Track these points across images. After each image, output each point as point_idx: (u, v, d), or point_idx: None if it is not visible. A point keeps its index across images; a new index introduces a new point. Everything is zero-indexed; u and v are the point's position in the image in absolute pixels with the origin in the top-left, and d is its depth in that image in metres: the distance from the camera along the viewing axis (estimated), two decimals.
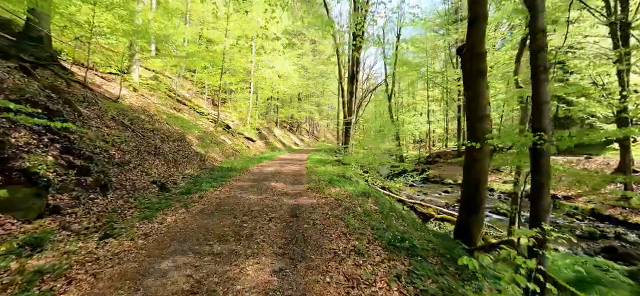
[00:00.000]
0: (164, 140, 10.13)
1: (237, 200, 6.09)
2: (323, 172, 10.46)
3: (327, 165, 12.64)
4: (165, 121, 11.85)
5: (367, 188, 7.80)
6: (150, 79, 17.73)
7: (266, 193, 6.89)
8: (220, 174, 9.12)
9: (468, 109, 5.72)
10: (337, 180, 8.69)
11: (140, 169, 7.24)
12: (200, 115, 17.97)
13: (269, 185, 7.82)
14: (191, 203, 5.79)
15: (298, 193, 6.92)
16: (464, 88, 5.73)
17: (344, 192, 7.11)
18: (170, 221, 4.70)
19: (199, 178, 8.54)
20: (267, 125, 26.23)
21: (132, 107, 11.15)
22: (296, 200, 6.25)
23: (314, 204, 5.95)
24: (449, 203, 14.60)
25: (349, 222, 4.77)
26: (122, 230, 4.18)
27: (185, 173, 8.78)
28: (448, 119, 27.30)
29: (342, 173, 10.70)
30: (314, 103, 32.54)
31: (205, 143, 12.65)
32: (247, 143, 18.78)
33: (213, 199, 6.17)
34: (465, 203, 5.60)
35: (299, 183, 8.27)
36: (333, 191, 7.18)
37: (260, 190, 7.21)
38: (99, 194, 5.06)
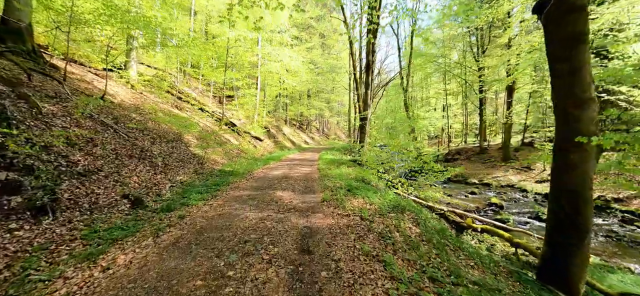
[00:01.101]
0: (155, 141, 8.57)
1: (229, 221, 4.40)
2: (338, 175, 8.70)
3: (341, 166, 10.86)
4: (161, 120, 10.31)
5: (398, 199, 5.99)
6: (152, 77, 16.34)
7: (269, 207, 5.18)
8: (218, 180, 7.48)
9: (557, 91, 3.82)
10: (357, 187, 6.91)
11: (113, 179, 5.65)
12: (204, 113, 16.47)
13: (273, 195, 6.11)
14: (166, 228, 4.12)
15: (310, 209, 5.18)
16: (549, 61, 3.79)
17: (370, 205, 5.34)
18: (121, 264, 3.04)
19: (191, 186, 6.92)
20: (276, 124, 24.62)
21: (122, 105, 9.64)
22: (308, 220, 4.51)
23: (333, 227, 4.20)
24: (480, 207, 12.58)
25: (390, 265, 3.00)
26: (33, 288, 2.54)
27: (175, 180, 7.17)
28: (467, 113, 25.05)
29: (361, 177, 8.91)
30: (323, 100, 30.65)
31: (206, 144, 11.07)
32: (254, 142, 17.19)
33: (197, 220, 4.49)
34: (556, 229, 3.72)
35: (311, 192, 6.53)
36: (355, 204, 5.41)
37: (262, 203, 5.50)
38: (29, 221, 3.46)
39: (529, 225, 10.19)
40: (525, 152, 19.68)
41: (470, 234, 8.23)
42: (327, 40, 29.90)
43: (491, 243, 7.86)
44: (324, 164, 11.37)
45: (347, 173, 9.16)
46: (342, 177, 8.41)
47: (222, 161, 10.71)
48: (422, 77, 31.17)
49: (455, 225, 8.58)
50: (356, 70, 13.77)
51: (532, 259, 6.76)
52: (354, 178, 8.41)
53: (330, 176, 8.45)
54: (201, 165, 9.12)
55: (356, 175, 9.14)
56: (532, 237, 8.06)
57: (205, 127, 13.79)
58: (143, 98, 12.52)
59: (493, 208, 12.15)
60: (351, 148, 21.99)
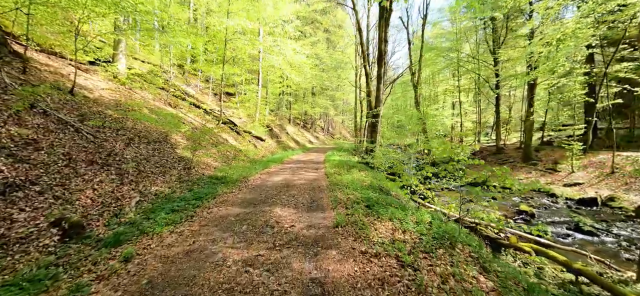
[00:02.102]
0: (133, 142, 6.98)
1: (197, 269, 2.76)
2: (350, 182, 7.03)
3: (352, 170, 9.19)
4: (145, 119, 8.74)
5: (439, 224, 4.31)
6: (145, 73, 14.83)
7: (261, 238, 3.53)
8: (203, 191, 5.85)
9: None
10: (378, 200, 5.24)
11: (53, 194, 4.06)
12: (200, 111, 14.90)
13: (270, 214, 4.47)
14: (87, 286, 2.50)
15: (319, 239, 3.52)
16: None
17: (404, 233, 3.68)
18: None
19: (167, 200, 5.30)
20: (279, 123, 23.00)
21: (98, 101, 8.08)
22: (317, 264, 2.86)
23: (358, 282, 2.54)
24: (507, 215, 10.77)
25: None
26: None
27: (149, 191, 5.56)
28: (480, 111, 23.15)
29: (377, 185, 7.23)
30: (328, 98, 28.85)
31: (198, 145, 9.48)
32: (255, 142, 15.59)
33: (149, 264, 2.86)
34: None
35: (319, 208, 4.87)
36: (383, 231, 3.75)
37: (253, 229, 3.86)
38: None
39: (571, 238, 8.44)
40: (547, 151, 17.81)
41: (511, 253, 6.53)
42: (332, 36, 28.18)
43: (538, 266, 6.15)
44: (332, 167, 9.71)
45: (360, 180, 7.48)
46: (355, 184, 6.74)
47: (216, 164, 9.10)
48: (429, 74, 29.28)
49: (488, 239, 6.90)
50: (366, 61, 12.05)
51: (597, 290, 5.05)
52: (369, 187, 6.73)
53: (341, 184, 6.78)
54: (188, 170, 7.52)
55: (371, 181, 7.46)
56: (589, 259, 6.34)
57: (200, 125, 12.21)
58: (131, 94, 10.98)
59: (523, 217, 10.39)
60: (358, 148, 20.33)
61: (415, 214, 4.58)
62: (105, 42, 12.19)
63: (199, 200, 5.16)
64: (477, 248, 3.59)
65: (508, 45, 18.42)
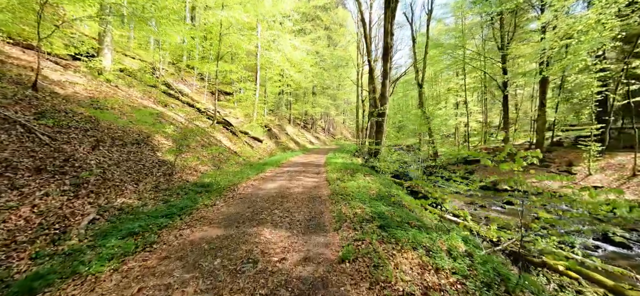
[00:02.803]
0: (102, 144, 5.89)
1: None
2: (355, 190, 5.94)
3: (356, 174, 8.09)
4: (125, 118, 7.67)
5: (487, 261, 3.19)
6: (136, 70, 13.79)
7: (235, 285, 2.43)
8: (178, 205, 4.75)
9: None
10: (392, 216, 4.14)
11: None
12: (193, 109, 13.82)
13: (255, 239, 3.38)
14: None
15: (318, 285, 2.42)
16: None
17: (437, 273, 2.59)
18: None
19: (132, 216, 4.21)
20: (278, 123, 21.90)
21: (70, 98, 7.01)
22: None
23: None
24: (526, 223, 9.61)
25: None
26: None
27: (112, 205, 4.48)
28: (486, 110, 22.01)
29: (387, 193, 6.13)
30: (329, 97, 27.70)
31: (184, 147, 8.41)
32: (252, 143, 14.50)
33: None
34: None
35: (320, 229, 3.78)
36: (407, 268, 2.66)
37: (228, 264, 2.77)
38: None
39: (601, 250, 7.33)
40: (559, 152, 16.66)
41: (544, 273, 5.40)
42: (333, 34, 27.07)
43: (576, 289, 5.03)
44: (334, 171, 8.61)
45: (366, 187, 6.38)
46: (361, 193, 5.64)
47: (204, 169, 8.01)
48: (432, 73, 28.15)
49: (512, 255, 5.79)
50: (370, 56, 10.95)
51: None
52: (378, 196, 5.63)
53: (345, 193, 5.67)
54: (169, 176, 6.43)
55: (379, 189, 6.35)
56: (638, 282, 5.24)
57: (190, 125, 11.13)
58: (115, 92, 9.92)
59: (543, 226, 9.23)
60: (361, 150, 19.24)
61: (443, 238, 3.48)
62: (87, 36, 11.14)
63: (169, 218, 4.06)
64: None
65: (517, 41, 17.30)
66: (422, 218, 4.65)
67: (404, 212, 4.57)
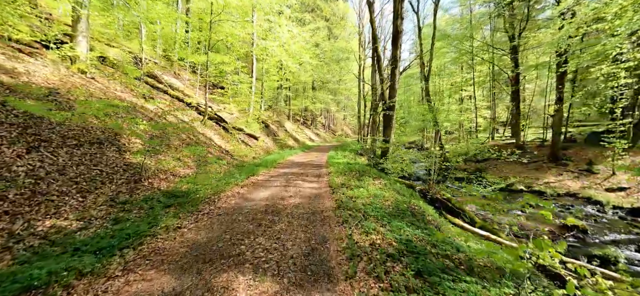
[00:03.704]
0: (46, 145, 4.53)
1: None
2: (367, 201, 4.59)
3: (363, 178, 6.74)
4: (89, 113, 6.29)
5: None
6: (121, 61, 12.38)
7: None
8: (128, 230, 3.39)
9: None
10: (426, 250, 2.79)
11: None
12: (185, 105, 12.44)
13: None
14: None
15: None
16: None
17: None
18: None
19: (63, 244, 2.87)
20: (277, 119, 20.51)
21: (17, 89, 5.63)
22: None
23: None
24: (554, 231, 8.36)
25: None
26: None
27: (39, 229, 3.14)
28: (495, 105, 20.62)
29: (405, 203, 4.78)
30: (329, 92, 26.17)
31: (164, 147, 7.04)
32: (247, 141, 13.13)
33: None
34: None
35: (324, 278, 2.43)
36: None
37: None
38: None
39: None
40: (576, 150, 15.29)
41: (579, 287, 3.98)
42: (333, 27, 25.53)
43: None
44: (337, 174, 7.26)
45: (379, 196, 5.02)
46: (376, 208, 4.29)
47: (185, 172, 6.64)
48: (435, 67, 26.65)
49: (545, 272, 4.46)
50: (377, 42, 9.53)
51: None
52: (397, 211, 4.28)
53: (355, 206, 4.32)
54: (135, 183, 5.07)
55: (395, 199, 5.00)
56: None
57: (176, 121, 9.75)
58: (89, 83, 8.52)
59: (575, 234, 7.93)
60: (363, 147, 17.91)
61: None
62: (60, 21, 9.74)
63: (104, 255, 2.71)
64: None
65: (529, 31, 15.86)
66: (463, 245, 3.30)
67: (438, 239, 3.22)
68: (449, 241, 3.23)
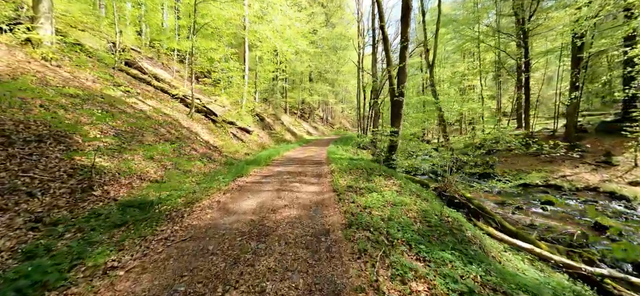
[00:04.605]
0: None
1: None
2: (384, 212, 3.39)
3: (372, 177, 5.52)
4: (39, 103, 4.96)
5: None
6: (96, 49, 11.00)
7: None
8: (34, 272, 2.15)
9: None
10: None
11: None
12: (170, 97, 11.08)
13: None
14: None
15: None
16: None
17: None
18: None
19: None
20: (273, 112, 19.15)
21: None
22: None
23: None
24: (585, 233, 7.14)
25: None
26: None
27: None
28: (500, 94, 19.41)
29: (434, 212, 3.57)
30: (327, 82, 24.66)
31: (132, 144, 5.74)
32: (240, 135, 11.82)
33: None
34: None
35: None
36: None
37: None
38: None
39: None
40: (590, 140, 14.16)
41: None
42: (331, 17, 23.99)
43: None
44: (341, 173, 6.03)
45: (398, 204, 3.81)
46: (401, 222, 3.08)
47: (159, 174, 5.36)
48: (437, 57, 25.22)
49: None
50: (384, 21, 8.20)
51: None
52: (428, 227, 3.09)
53: (373, 224, 3.09)
54: (84, 192, 3.81)
55: (420, 207, 3.79)
56: None
57: (156, 114, 8.41)
58: (53, 72, 7.16)
59: (610, 236, 6.77)
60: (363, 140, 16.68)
61: None
62: None
63: None
64: None
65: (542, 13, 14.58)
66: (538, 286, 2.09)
67: (508, 278, 2.01)
68: (517, 277, 2.02)
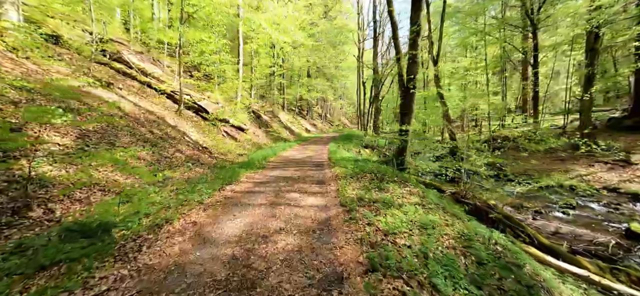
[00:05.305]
0: None
1: None
2: (415, 241, 2.45)
3: (384, 184, 4.58)
4: None
5: None
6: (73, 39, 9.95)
7: None
8: None
9: None
10: None
11: None
12: (159, 93, 10.02)
13: None
14: None
15: None
16: None
17: None
18: None
19: None
20: (270, 109, 18.10)
21: None
22: None
23: None
24: (620, 243, 6.25)
25: None
26: None
27: None
28: (506, 89, 18.50)
29: (480, 235, 2.62)
30: (326, 77, 23.48)
31: (100, 147, 4.74)
32: (234, 133, 10.81)
33: None
34: None
35: None
36: None
37: None
38: None
39: None
40: (602, 136, 13.28)
41: None
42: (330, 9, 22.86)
43: None
44: (347, 179, 5.08)
45: (426, 223, 2.87)
46: (441, 259, 2.14)
47: (128, 181, 4.37)
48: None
49: None
50: (392, 5, 7.19)
51: None
52: (478, 266, 2.16)
53: (405, 265, 2.14)
54: (15, 214, 2.82)
55: (454, 226, 2.86)
56: None
57: (137, 111, 7.37)
58: (7, 63, 6.12)
59: None
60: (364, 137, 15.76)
61: None
62: None
63: None
64: None
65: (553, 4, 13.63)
66: None
67: None
68: None
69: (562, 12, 11.96)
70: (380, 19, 15.61)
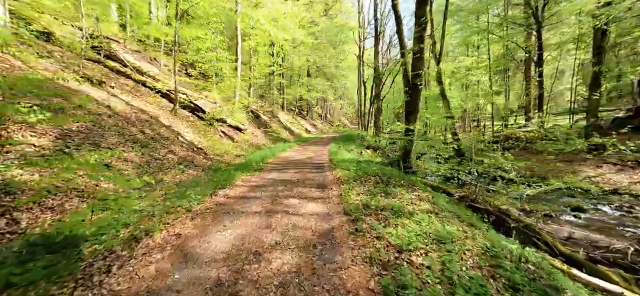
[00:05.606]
0: None
1: None
2: (434, 259, 2.06)
3: (391, 188, 4.18)
4: None
5: None
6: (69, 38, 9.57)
7: None
8: None
9: None
10: None
11: None
12: (152, 91, 9.62)
13: None
14: None
15: None
16: None
17: None
18: None
19: None
20: (270, 109, 17.70)
21: None
22: None
23: None
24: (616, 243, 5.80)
25: None
26: None
27: None
28: (508, 88, 18.10)
29: (509, 251, 2.22)
30: (326, 76, 23.07)
31: (86, 149, 4.34)
32: (232, 134, 10.40)
33: None
34: None
35: None
36: None
37: None
38: None
39: None
40: (610, 136, 12.85)
41: None
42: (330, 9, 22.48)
43: None
44: (350, 183, 4.68)
45: (444, 236, 2.48)
46: (467, 286, 1.74)
47: (110, 187, 3.97)
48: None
49: None
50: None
51: None
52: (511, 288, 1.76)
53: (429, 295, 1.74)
54: None
55: (476, 240, 2.47)
56: None
57: (128, 110, 6.97)
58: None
59: None
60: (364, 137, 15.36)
61: None
62: None
63: None
64: None
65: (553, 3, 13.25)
66: None
67: None
68: None
69: (567, 10, 11.56)
70: (381, 17, 15.24)
